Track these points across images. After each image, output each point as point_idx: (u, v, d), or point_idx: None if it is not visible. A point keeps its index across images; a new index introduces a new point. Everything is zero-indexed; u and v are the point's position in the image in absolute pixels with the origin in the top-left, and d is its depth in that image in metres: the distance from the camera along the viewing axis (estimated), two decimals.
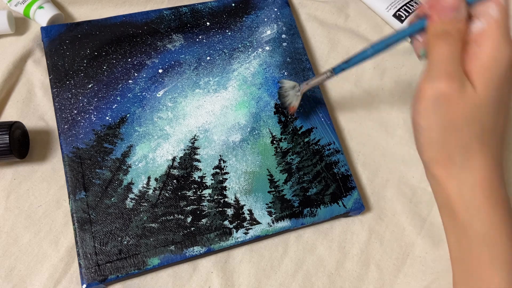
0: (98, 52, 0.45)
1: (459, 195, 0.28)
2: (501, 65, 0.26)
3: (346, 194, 0.43)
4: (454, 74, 0.26)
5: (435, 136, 0.28)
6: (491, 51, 0.26)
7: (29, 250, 0.39)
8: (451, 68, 0.26)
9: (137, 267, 0.38)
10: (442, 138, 0.28)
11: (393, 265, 0.43)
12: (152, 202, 0.40)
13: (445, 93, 0.26)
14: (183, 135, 0.43)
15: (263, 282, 0.41)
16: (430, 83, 0.27)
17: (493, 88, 0.26)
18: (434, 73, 0.27)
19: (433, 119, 0.28)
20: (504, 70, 0.26)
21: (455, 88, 0.26)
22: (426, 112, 0.28)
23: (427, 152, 0.29)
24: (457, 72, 0.26)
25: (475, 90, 0.26)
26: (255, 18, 0.50)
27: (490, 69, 0.26)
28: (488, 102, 0.26)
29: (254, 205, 0.41)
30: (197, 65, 0.47)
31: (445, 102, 0.27)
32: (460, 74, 0.26)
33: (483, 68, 0.26)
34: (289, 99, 0.42)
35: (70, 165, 0.40)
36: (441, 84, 0.26)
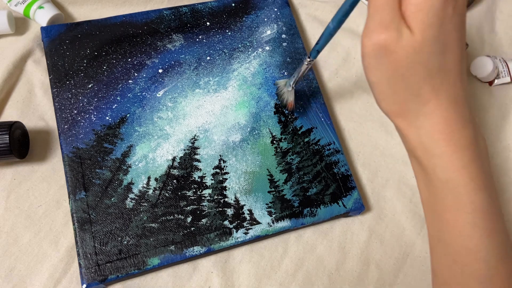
0: (98, 52, 0.45)
1: (419, 142, 0.29)
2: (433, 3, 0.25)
3: (346, 194, 0.43)
4: (389, 23, 0.26)
5: (385, 89, 0.28)
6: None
7: (29, 250, 0.39)
8: (386, 17, 0.26)
9: (137, 267, 0.38)
10: (392, 90, 0.28)
11: (393, 265, 0.43)
12: (152, 202, 0.40)
13: (383, 44, 0.26)
14: (183, 135, 0.43)
15: (263, 282, 0.41)
16: (368, 37, 0.27)
17: (430, 28, 0.25)
18: (370, 26, 0.27)
19: (378, 72, 0.28)
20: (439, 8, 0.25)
21: (392, 37, 0.26)
22: (371, 67, 0.28)
23: (383, 106, 0.29)
24: (393, 20, 0.26)
25: (412, 35, 0.26)
26: (255, 18, 0.50)
27: (423, 9, 0.25)
28: (427, 44, 0.26)
29: (254, 205, 0.41)
30: (197, 65, 0.47)
31: (384, 53, 0.26)
32: (396, 22, 0.26)
33: (416, 9, 0.25)
34: (285, 96, 0.43)
35: (70, 165, 0.40)
36: (378, 36, 0.26)
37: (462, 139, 0.28)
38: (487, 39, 0.55)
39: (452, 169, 0.28)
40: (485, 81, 0.52)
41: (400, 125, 0.29)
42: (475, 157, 0.28)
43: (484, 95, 0.51)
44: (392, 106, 0.29)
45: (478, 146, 0.28)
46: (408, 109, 0.28)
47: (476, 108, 0.51)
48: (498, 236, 0.28)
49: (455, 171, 0.28)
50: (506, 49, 0.55)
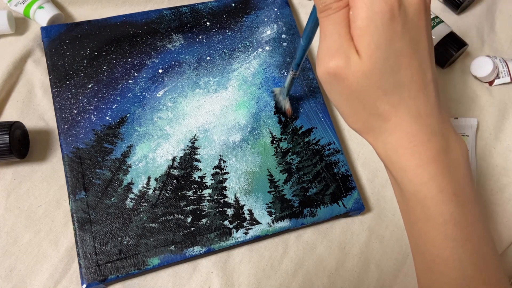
0: (98, 52, 0.45)
1: (386, 156, 0.29)
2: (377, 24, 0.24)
3: (346, 194, 0.43)
4: (336, 50, 0.26)
5: (346, 110, 0.28)
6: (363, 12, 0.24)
7: (29, 250, 0.39)
8: (333, 44, 0.26)
9: (137, 267, 0.38)
10: (352, 110, 0.28)
11: (393, 265, 0.43)
12: (152, 202, 0.40)
13: (332, 72, 0.26)
14: (183, 135, 0.43)
15: (263, 282, 0.41)
16: (318, 64, 0.27)
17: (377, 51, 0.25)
18: (320, 53, 0.27)
19: (335, 95, 0.28)
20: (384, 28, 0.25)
21: (339, 64, 0.26)
22: (327, 91, 0.28)
23: (349, 123, 0.29)
24: (341, 46, 0.25)
25: (360, 59, 0.25)
26: (255, 18, 0.50)
27: (367, 32, 0.25)
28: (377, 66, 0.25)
29: (254, 205, 0.41)
30: (197, 65, 0.47)
31: (335, 80, 0.26)
32: (344, 48, 0.25)
33: (361, 32, 0.25)
34: (281, 103, 0.45)
35: (70, 165, 0.40)
36: (327, 63, 0.26)
37: (428, 151, 0.27)
38: (487, 39, 0.55)
39: (418, 182, 0.28)
40: (485, 81, 0.52)
41: (368, 140, 0.30)
42: (444, 167, 0.28)
43: (484, 95, 0.51)
44: (356, 124, 0.29)
45: (448, 156, 0.28)
46: (371, 126, 0.28)
47: (476, 108, 0.51)
48: (473, 245, 0.28)
49: (421, 184, 0.28)
50: (506, 49, 0.55)
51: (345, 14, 0.26)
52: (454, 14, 0.56)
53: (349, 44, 0.26)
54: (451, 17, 0.56)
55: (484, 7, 0.57)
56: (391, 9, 0.24)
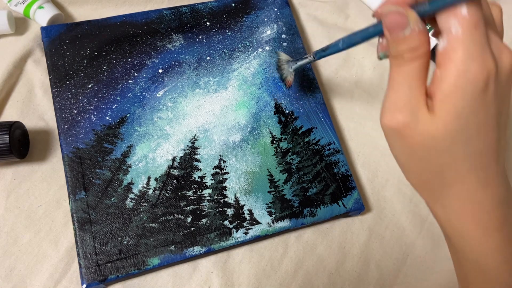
0: (98, 52, 0.45)
1: (446, 220, 0.27)
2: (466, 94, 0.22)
3: (346, 194, 0.43)
4: (403, 105, 0.23)
5: (406, 165, 0.26)
6: (453, 77, 0.22)
7: (29, 250, 0.39)
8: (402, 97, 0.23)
9: (137, 267, 0.38)
10: (413, 168, 0.26)
11: (393, 265, 0.43)
12: (152, 202, 0.40)
13: (394, 127, 0.24)
14: (183, 135, 0.43)
15: (263, 282, 0.41)
16: (383, 115, 0.25)
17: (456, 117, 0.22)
18: (386, 104, 0.24)
19: (396, 150, 0.26)
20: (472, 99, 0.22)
21: (405, 121, 0.23)
22: (389, 143, 0.26)
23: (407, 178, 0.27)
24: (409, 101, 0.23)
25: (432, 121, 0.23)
26: (255, 18, 0.50)
27: (451, 100, 0.22)
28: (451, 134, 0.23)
29: (254, 205, 0.41)
30: (197, 65, 0.47)
31: (398, 135, 0.24)
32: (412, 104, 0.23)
33: (444, 95, 0.22)
34: (285, 73, 0.44)
35: (70, 165, 0.40)
36: (391, 117, 0.24)
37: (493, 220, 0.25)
38: None
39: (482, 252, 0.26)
40: None
41: (425, 200, 0.27)
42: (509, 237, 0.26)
43: None
44: (415, 181, 0.27)
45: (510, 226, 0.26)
46: (431, 187, 0.26)
47: None
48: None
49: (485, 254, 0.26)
50: None
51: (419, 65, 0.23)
52: None
53: (419, 100, 0.23)
54: None
55: None
56: (486, 78, 0.22)
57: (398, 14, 0.23)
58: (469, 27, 0.21)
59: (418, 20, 0.22)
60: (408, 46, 0.23)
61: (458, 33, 0.21)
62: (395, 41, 0.23)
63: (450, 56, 0.22)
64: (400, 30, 0.23)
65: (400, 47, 0.23)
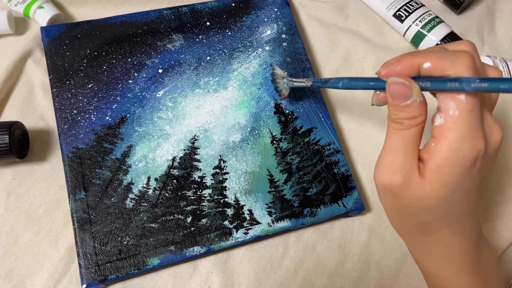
0: (98, 52, 0.45)
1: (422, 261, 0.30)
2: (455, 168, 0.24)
3: (346, 194, 0.43)
4: (398, 168, 0.26)
5: (392, 216, 0.30)
6: (445, 152, 0.24)
7: (29, 250, 0.39)
8: (397, 160, 0.26)
9: (137, 267, 0.38)
10: (398, 218, 0.29)
11: (393, 265, 0.43)
12: (152, 202, 0.40)
13: (388, 186, 0.26)
14: (183, 135, 0.43)
15: (263, 282, 0.41)
16: (376, 173, 0.27)
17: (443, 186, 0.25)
18: (381, 164, 0.27)
19: (386, 204, 0.29)
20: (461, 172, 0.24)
21: (398, 183, 0.26)
22: (380, 197, 0.29)
23: (391, 223, 0.31)
24: (403, 165, 0.25)
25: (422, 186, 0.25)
26: (255, 18, 0.50)
27: (442, 171, 0.24)
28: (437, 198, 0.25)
29: (254, 205, 0.41)
30: (197, 65, 0.47)
31: (390, 193, 0.27)
32: (406, 169, 0.25)
33: (436, 166, 0.24)
34: (280, 86, 0.45)
35: (70, 165, 0.40)
36: (385, 177, 0.26)
37: (465, 263, 0.28)
38: (487, 39, 0.55)
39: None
40: None
41: (406, 243, 0.31)
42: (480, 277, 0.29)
43: None
44: (398, 228, 0.30)
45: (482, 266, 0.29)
46: (412, 235, 0.29)
47: None
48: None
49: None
50: (506, 49, 0.55)
51: (416, 132, 0.25)
52: (454, 14, 0.56)
53: (413, 164, 0.25)
54: (451, 17, 0.56)
55: (484, 7, 0.57)
56: (475, 157, 0.24)
57: (404, 86, 0.25)
58: (466, 111, 0.23)
59: (420, 93, 0.25)
60: (409, 114, 0.25)
61: (455, 115, 0.23)
62: (396, 107, 0.25)
63: (445, 133, 0.24)
64: (403, 100, 0.25)
65: (401, 114, 0.25)
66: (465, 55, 0.24)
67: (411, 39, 0.52)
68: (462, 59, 0.24)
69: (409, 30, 0.52)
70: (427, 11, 0.52)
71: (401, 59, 0.26)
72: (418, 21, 0.51)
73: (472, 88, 0.23)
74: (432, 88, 0.24)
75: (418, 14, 0.52)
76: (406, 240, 0.31)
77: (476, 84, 0.22)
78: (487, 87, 0.22)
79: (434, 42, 0.51)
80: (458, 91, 0.23)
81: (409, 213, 0.27)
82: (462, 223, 0.27)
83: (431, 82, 0.24)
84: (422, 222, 0.27)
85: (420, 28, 0.51)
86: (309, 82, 0.40)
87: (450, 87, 0.23)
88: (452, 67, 0.24)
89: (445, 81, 0.24)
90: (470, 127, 0.23)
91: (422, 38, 0.51)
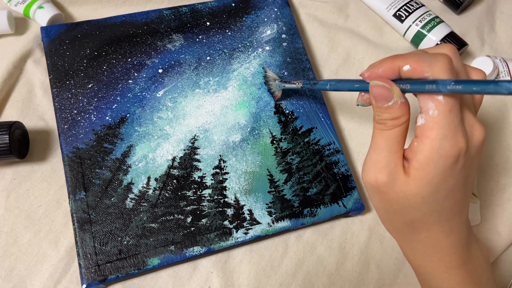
0: (98, 52, 0.45)
1: (413, 259, 0.31)
2: (438, 166, 0.25)
3: (346, 194, 0.43)
4: (383, 167, 0.26)
5: (382, 215, 0.30)
6: (428, 151, 0.25)
7: (29, 250, 0.39)
8: (382, 159, 0.26)
9: (137, 267, 0.38)
10: (388, 217, 0.30)
11: (393, 265, 0.43)
12: (152, 202, 0.40)
13: (375, 185, 0.27)
14: (183, 135, 0.43)
15: (263, 282, 0.41)
16: (363, 172, 0.28)
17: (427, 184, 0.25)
18: (367, 164, 0.27)
19: (375, 202, 0.29)
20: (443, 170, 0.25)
21: (383, 181, 0.26)
22: (369, 196, 0.30)
23: (383, 223, 0.31)
24: (388, 164, 0.26)
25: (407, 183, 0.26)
26: (255, 18, 0.50)
27: (425, 169, 0.25)
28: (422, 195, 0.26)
29: (254, 205, 0.41)
30: (197, 65, 0.47)
31: (377, 191, 0.28)
32: (391, 167, 0.26)
33: (419, 164, 0.25)
34: (273, 88, 0.45)
35: (70, 165, 0.40)
36: (371, 176, 0.27)
37: (454, 260, 0.29)
38: (487, 39, 0.55)
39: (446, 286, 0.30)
40: None
41: (397, 241, 0.32)
42: (469, 274, 0.29)
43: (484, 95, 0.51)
44: (389, 227, 0.31)
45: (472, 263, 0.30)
46: (403, 233, 0.30)
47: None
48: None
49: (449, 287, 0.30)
50: (506, 49, 0.55)
51: (399, 132, 0.26)
52: (454, 14, 0.56)
53: (397, 163, 0.26)
54: (451, 17, 0.56)
55: (484, 7, 0.57)
56: (457, 154, 0.25)
57: (384, 88, 0.26)
58: (444, 111, 0.24)
59: (400, 95, 0.26)
60: (391, 115, 0.26)
61: (434, 114, 0.24)
62: (379, 109, 0.26)
63: (427, 133, 0.25)
64: (385, 101, 0.26)
65: (384, 115, 0.26)
66: (443, 57, 0.24)
67: (411, 39, 0.52)
68: (439, 61, 0.24)
69: (409, 30, 0.52)
70: (427, 11, 0.52)
71: (383, 62, 0.26)
72: (418, 21, 0.51)
73: (447, 90, 0.23)
74: (412, 90, 0.25)
75: (418, 14, 0.52)
76: (397, 238, 0.31)
77: (451, 86, 0.23)
78: (461, 89, 0.23)
79: (434, 42, 0.51)
80: (433, 93, 0.24)
81: (396, 211, 0.28)
82: (450, 220, 0.28)
83: (411, 84, 0.25)
84: (410, 220, 0.28)
85: (420, 28, 0.51)
86: (299, 84, 0.41)
87: (428, 89, 0.24)
88: (429, 70, 0.24)
89: (423, 83, 0.25)
90: (450, 126, 0.24)
91: (422, 38, 0.51)
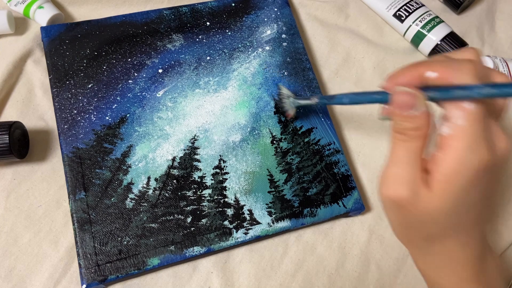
0: (98, 52, 0.45)
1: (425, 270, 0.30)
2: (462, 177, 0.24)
3: (346, 194, 0.43)
4: (405, 181, 0.25)
5: (397, 227, 0.29)
6: (453, 163, 0.23)
7: (29, 250, 0.39)
8: (403, 173, 0.25)
9: (137, 267, 0.38)
10: (403, 231, 0.29)
11: (393, 265, 0.43)
12: (152, 202, 0.40)
13: (394, 200, 0.26)
14: (183, 135, 0.43)
15: (263, 282, 0.41)
16: (382, 186, 0.27)
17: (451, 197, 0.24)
18: (387, 177, 0.26)
19: (391, 216, 0.28)
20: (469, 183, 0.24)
21: (404, 196, 0.25)
22: (385, 210, 0.29)
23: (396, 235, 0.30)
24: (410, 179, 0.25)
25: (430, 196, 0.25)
26: (255, 18, 0.50)
27: (449, 181, 0.24)
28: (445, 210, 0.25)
29: (254, 205, 0.41)
30: (197, 65, 0.46)
31: (396, 207, 0.26)
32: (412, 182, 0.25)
33: (443, 176, 0.24)
34: (286, 106, 0.44)
35: (70, 165, 0.40)
36: (391, 190, 0.26)
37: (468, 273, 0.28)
38: (487, 39, 0.55)
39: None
40: None
41: (410, 252, 0.31)
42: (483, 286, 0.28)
43: None
44: (403, 239, 0.30)
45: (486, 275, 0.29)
46: (416, 245, 0.29)
47: None
48: None
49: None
50: (506, 49, 0.55)
51: (420, 143, 0.25)
52: (454, 14, 0.56)
53: (418, 176, 0.25)
54: (451, 17, 0.56)
55: (484, 7, 0.57)
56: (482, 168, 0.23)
57: (409, 95, 0.24)
58: (471, 120, 0.23)
59: (425, 103, 0.24)
60: (413, 125, 0.25)
61: (461, 124, 0.23)
62: (401, 118, 0.25)
63: (452, 143, 0.23)
64: (408, 109, 0.24)
65: (406, 125, 0.25)
66: (469, 63, 0.23)
67: (411, 39, 0.52)
68: (466, 67, 0.23)
69: (409, 30, 0.52)
70: (427, 11, 0.52)
71: (405, 69, 0.25)
72: (418, 21, 0.51)
73: (479, 95, 0.22)
74: (438, 97, 0.24)
75: (418, 14, 0.52)
76: (410, 250, 0.30)
77: (485, 90, 0.22)
78: (496, 93, 0.22)
79: (434, 42, 0.51)
80: (464, 99, 0.23)
81: (415, 226, 0.27)
82: (468, 232, 0.27)
83: (437, 91, 0.24)
84: (427, 233, 0.27)
85: (420, 28, 0.51)
86: (315, 100, 0.40)
87: (457, 95, 0.23)
88: (457, 76, 0.23)
89: (451, 89, 0.23)
90: (477, 137, 0.23)
91: (422, 38, 0.51)
